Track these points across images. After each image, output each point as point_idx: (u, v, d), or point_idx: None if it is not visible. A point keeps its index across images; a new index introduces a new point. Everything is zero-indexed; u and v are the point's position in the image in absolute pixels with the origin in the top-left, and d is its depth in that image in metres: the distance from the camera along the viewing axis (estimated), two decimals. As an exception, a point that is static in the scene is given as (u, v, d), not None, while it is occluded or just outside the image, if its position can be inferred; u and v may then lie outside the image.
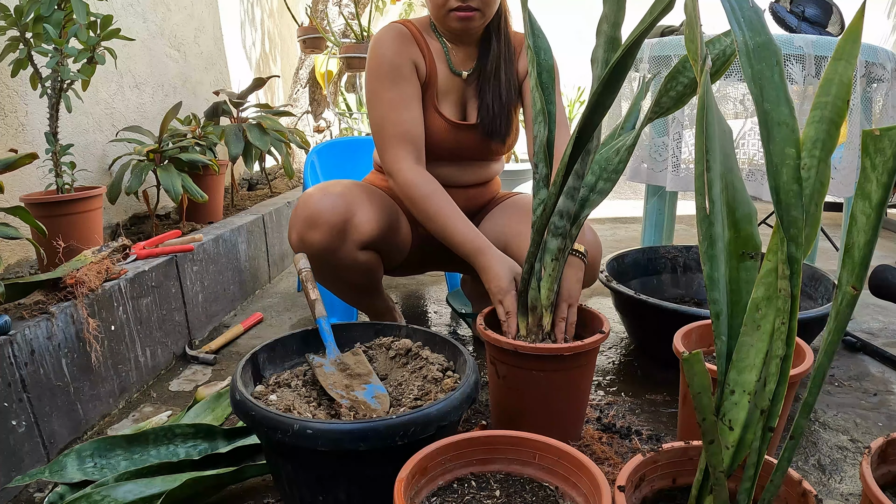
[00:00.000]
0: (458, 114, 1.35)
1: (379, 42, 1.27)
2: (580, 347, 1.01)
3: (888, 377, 1.42)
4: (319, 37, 3.21)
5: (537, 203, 1.04)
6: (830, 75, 0.57)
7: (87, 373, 1.18)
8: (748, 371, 0.59)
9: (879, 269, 1.56)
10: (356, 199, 1.22)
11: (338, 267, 1.23)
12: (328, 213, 1.18)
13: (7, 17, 1.35)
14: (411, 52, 1.27)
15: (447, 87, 1.32)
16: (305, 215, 1.20)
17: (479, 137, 1.34)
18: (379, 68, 1.26)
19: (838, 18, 2.01)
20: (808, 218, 0.56)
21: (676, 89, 0.92)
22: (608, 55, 0.92)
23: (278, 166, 3.31)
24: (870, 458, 0.69)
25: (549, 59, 1.02)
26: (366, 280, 1.31)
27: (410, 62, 1.27)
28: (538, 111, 1.01)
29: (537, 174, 1.04)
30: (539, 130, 1.02)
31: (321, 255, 1.20)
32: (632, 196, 4.42)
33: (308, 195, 1.22)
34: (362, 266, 1.26)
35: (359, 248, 1.22)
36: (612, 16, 0.89)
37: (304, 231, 1.20)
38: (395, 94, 1.25)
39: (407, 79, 1.26)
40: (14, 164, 1.12)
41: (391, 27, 1.29)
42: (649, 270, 1.75)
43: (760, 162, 1.77)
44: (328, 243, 1.19)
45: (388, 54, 1.25)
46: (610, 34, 0.91)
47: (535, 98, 1.01)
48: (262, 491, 1.00)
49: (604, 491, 0.67)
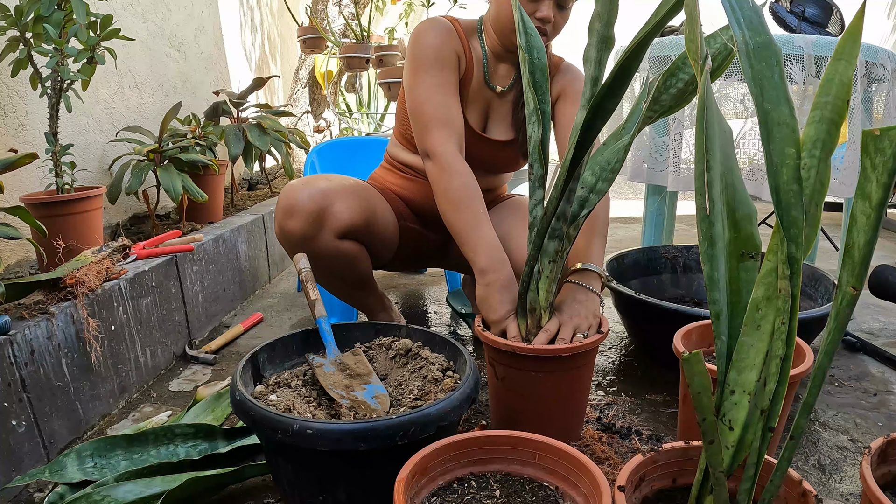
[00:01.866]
0: (480, 125, 1.35)
1: (425, 30, 1.26)
2: (579, 348, 1.01)
3: (888, 377, 1.42)
4: (319, 37, 3.21)
5: (534, 203, 1.03)
6: (830, 75, 0.57)
7: (87, 373, 1.18)
8: (748, 371, 0.59)
9: (879, 269, 1.56)
10: (335, 190, 1.23)
11: (319, 257, 1.24)
12: (305, 201, 1.20)
13: (7, 17, 1.35)
14: (456, 45, 1.27)
15: (476, 96, 1.32)
16: (284, 205, 1.22)
17: (495, 152, 1.35)
18: (424, 53, 1.24)
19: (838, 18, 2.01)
20: (808, 218, 0.56)
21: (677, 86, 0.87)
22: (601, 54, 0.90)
23: (278, 166, 3.31)
24: (870, 458, 0.69)
25: (543, 58, 1.02)
26: (353, 273, 1.32)
27: (455, 55, 1.26)
28: (531, 111, 1.01)
29: (532, 175, 1.04)
30: (533, 131, 1.01)
31: (300, 244, 1.22)
32: (632, 196, 4.42)
33: (289, 186, 1.25)
34: (343, 256, 1.26)
35: (336, 237, 1.23)
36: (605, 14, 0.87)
37: (283, 220, 1.22)
38: (440, 79, 1.23)
39: (451, 69, 1.25)
40: (14, 164, 1.12)
41: (438, 20, 1.28)
42: (649, 270, 1.75)
43: (760, 162, 1.77)
44: (305, 231, 1.21)
45: (435, 42, 1.24)
46: (602, 33, 0.89)
47: (527, 98, 1.01)
48: (262, 491, 1.00)
49: (604, 491, 0.67)
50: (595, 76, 0.92)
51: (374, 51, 3.07)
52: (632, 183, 2.87)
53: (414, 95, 1.25)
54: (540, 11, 1.18)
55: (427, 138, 1.22)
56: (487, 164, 1.38)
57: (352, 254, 1.28)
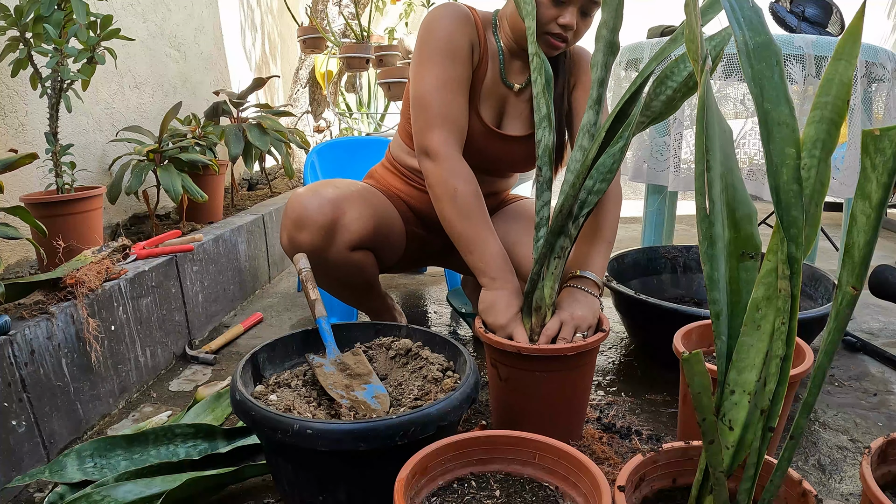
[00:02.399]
0: (496, 121, 1.28)
1: (438, 16, 1.18)
2: (583, 347, 1.01)
3: (888, 377, 1.41)
4: (319, 37, 3.21)
5: (541, 205, 1.06)
6: (830, 75, 0.57)
7: (87, 373, 1.18)
8: (748, 371, 0.59)
9: (879, 269, 1.56)
10: (345, 198, 1.19)
11: (329, 267, 1.21)
12: (315, 213, 1.16)
13: (7, 17, 1.35)
14: (471, 36, 1.19)
15: (491, 92, 1.25)
16: (294, 217, 1.18)
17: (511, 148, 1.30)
18: (435, 42, 1.16)
19: (838, 18, 2.01)
20: (808, 218, 0.56)
21: (666, 93, 0.91)
22: (607, 58, 0.96)
23: (278, 166, 3.31)
24: (870, 458, 0.69)
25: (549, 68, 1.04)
26: (360, 280, 1.29)
27: (469, 46, 1.18)
28: (543, 116, 1.03)
29: (541, 177, 1.05)
30: (544, 135, 1.03)
31: (311, 256, 1.17)
32: (632, 196, 4.42)
33: (296, 195, 1.20)
34: (354, 266, 1.24)
35: (349, 249, 1.20)
36: (611, 21, 0.93)
37: (293, 232, 1.18)
38: (449, 73, 1.16)
39: (463, 62, 1.17)
40: (14, 164, 1.12)
41: (453, 5, 1.19)
42: (649, 270, 1.75)
43: (760, 162, 1.77)
44: (317, 244, 1.17)
45: (448, 29, 1.16)
46: (609, 39, 0.94)
47: (539, 104, 1.03)
48: (262, 491, 1.00)
49: (604, 491, 0.67)
50: (601, 78, 0.97)
51: (374, 51, 3.07)
52: (632, 183, 2.87)
53: (419, 87, 1.17)
54: (563, 18, 1.11)
55: (428, 135, 1.15)
56: (501, 162, 1.32)
57: (361, 262, 1.25)
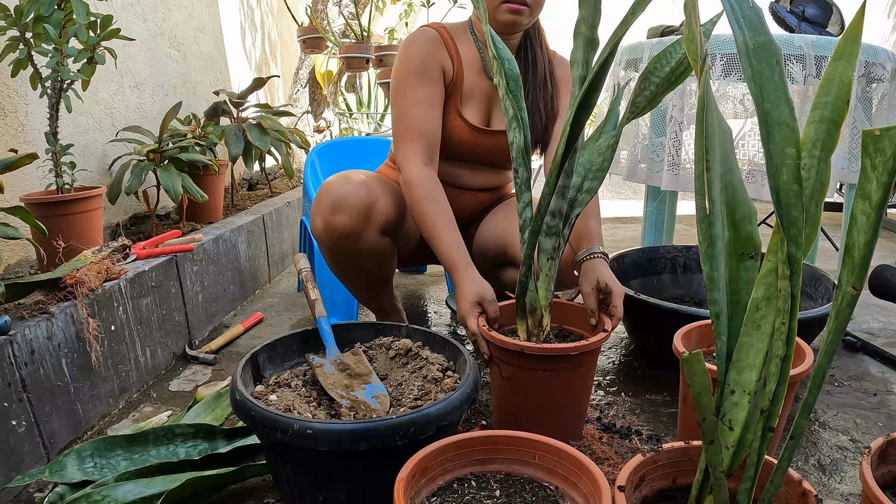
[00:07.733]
0: (483, 120, 1.37)
1: (411, 42, 1.31)
2: (586, 346, 1.02)
3: (888, 377, 1.42)
4: (319, 37, 3.21)
5: (522, 206, 1.05)
6: (830, 75, 0.57)
7: (87, 373, 1.18)
8: (748, 371, 0.59)
9: (879, 269, 1.56)
10: (375, 185, 1.27)
11: (358, 253, 1.27)
12: (353, 197, 1.23)
13: (7, 17, 1.35)
14: (441, 56, 1.31)
15: (474, 92, 1.34)
16: (330, 201, 1.24)
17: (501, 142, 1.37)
18: (409, 66, 1.29)
19: (838, 18, 2.01)
20: (808, 218, 0.56)
21: (650, 89, 0.94)
22: (587, 55, 0.95)
23: (278, 166, 3.31)
24: (870, 458, 0.69)
25: (514, 67, 1.03)
26: (381, 269, 1.35)
27: (439, 66, 1.30)
28: (511, 117, 1.03)
29: (518, 178, 1.05)
30: (515, 136, 1.03)
31: (345, 239, 1.24)
32: (632, 196, 4.43)
33: (329, 183, 1.27)
34: (380, 252, 1.30)
35: (380, 232, 1.27)
36: (590, 18, 0.93)
37: (330, 216, 1.24)
38: (420, 92, 1.28)
39: (433, 81, 1.30)
40: (14, 164, 1.12)
41: (424, 30, 1.33)
42: (649, 270, 1.75)
43: (760, 162, 1.77)
44: (353, 226, 1.23)
45: (419, 54, 1.29)
46: (588, 35, 0.94)
47: (506, 106, 1.03)
48: (262, 491, 1.00)
49: (604, 491, 0.67)
50: (582, 76, 0.96)
51: (374, 51, 3.07)
52: (632, 183, 2.87)
53: (394, 109, 1.31)
54: None
55: (398, 150, 1.28)
56: (494, 155, 1.39)
57: (387, 250, 1.31)
